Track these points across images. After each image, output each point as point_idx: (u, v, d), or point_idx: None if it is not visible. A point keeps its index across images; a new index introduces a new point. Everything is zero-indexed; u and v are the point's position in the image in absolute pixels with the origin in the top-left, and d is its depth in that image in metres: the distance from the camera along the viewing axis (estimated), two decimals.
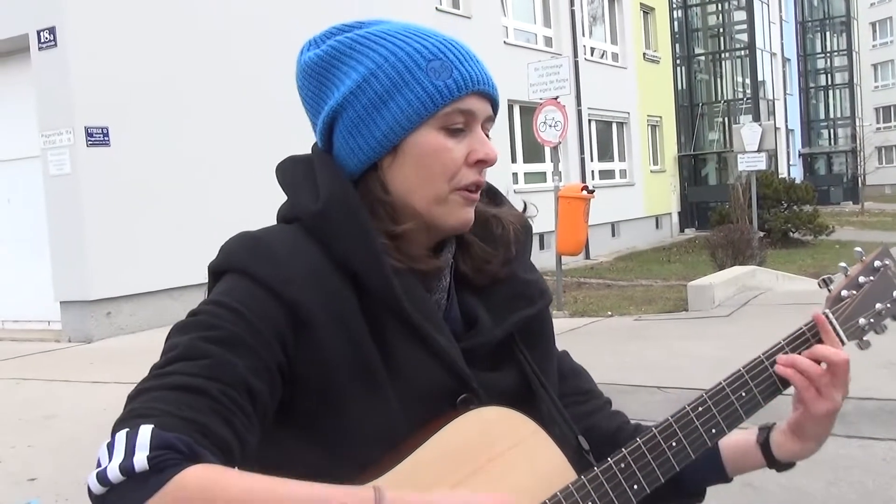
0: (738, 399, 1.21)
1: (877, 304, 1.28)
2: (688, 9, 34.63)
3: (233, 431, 0.98)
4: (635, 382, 6.61)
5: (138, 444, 0.91)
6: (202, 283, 1.19)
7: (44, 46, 10.14)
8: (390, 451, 1.07)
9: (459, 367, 1.15)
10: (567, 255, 11.97)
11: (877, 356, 6.34)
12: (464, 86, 1.15)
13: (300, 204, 1.17)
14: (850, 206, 40.54)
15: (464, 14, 17.20)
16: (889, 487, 4.36)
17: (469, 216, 1.20)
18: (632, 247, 22.49)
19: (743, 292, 11.30)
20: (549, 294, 1.32)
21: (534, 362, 1.26)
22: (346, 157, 1.19)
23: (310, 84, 1.22)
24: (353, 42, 1.18)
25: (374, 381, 1.09)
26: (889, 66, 61.95)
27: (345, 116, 1.17)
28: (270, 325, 1.05)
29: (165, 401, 0.96)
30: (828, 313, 1.27)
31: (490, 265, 1.25)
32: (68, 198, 10.21)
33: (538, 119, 12.07)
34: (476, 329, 1.22)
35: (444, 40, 1.18)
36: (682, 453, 1.18)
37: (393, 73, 1.15)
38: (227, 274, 1.11)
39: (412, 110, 1.14)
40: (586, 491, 1.11)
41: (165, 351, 1.04)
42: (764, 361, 1.23)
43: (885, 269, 1.29)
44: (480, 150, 1.18)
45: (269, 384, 1.04)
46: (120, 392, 4.87)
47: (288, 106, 12.22)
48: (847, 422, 5.26)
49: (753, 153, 17.84)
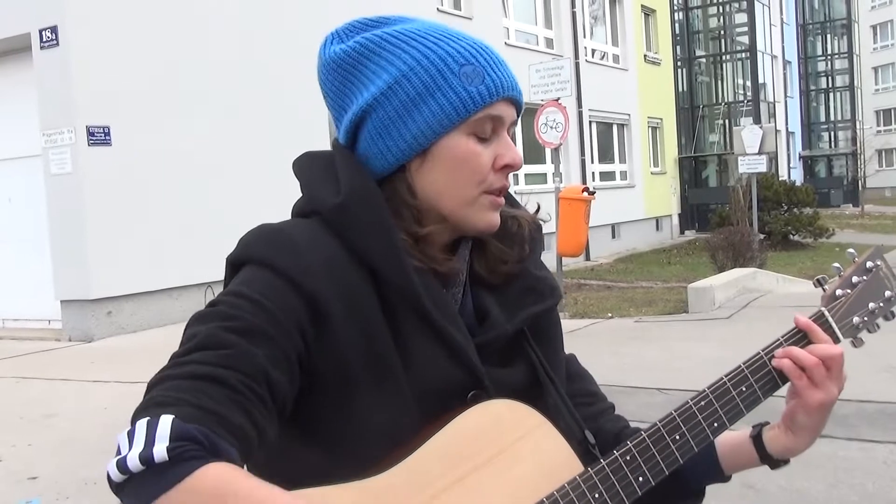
0: (739, 394, 1.23)
1: (870, 303, 1.32)
2: (689, 11, 34.65)
3: (251, 422, 0.99)
4: (635, 384, 6.61)
5: (158, 434, 0.92)
6: (203, 282, 1.19)
7: (46, 46, 10.15)
8: (401, 444, 1.08)
9: (473, 363, 1.16)
10: (567, 256, 11.97)
11: (877, 359, 6.37)
12: (495, 92, 1.16)
13: (319, 198, 1.17)
14: (851, 209, 40.56)
15: (465, 15, 17.22)
16: (890, 490, 4.36)
17: (496, 220, 1.22)
18: (632, 248, 22.50)
19: (743, 294, 11.31)
20: (560, 292, 1.33)
21: (543, 358, 1.27)
22: (373, 157, 1.18)
23: (335, 79, 1.21)
24: (383, 41, 1.18)
25: (390, 373, 1.10)
26: (889, 69, 61.96)
27: (374, 117, 1.17)
28: (290, 315, 1.06)
29: (185, 390, 0.97)
30: (824, 311, 1.30)
31: (506, 265, 1.26)
32: (69, 197, 10.21)
33: (539, 120, 12.07)
34: (488, 323, 1.22)
35: (475, 44, 1.19)
36: (686, 447, 1.19)
37: (426, 76, 1.15)
38: (246, 265, 1.11)
39: (444, 115, 1.14)
40: (593, 482, 1.13)
41: (185, 340, 1.04)
42: (763, 357, 1.25)
43: (877, 270, 1.33)
44: (507, 155, 1.19)
45: (289, 375, 1.05)
46: (120, 391, 4.90)
47: (292, 105, 12.28)
48: (848, 424, 5.27)
49: (754, 155, 17.86)
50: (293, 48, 11.89)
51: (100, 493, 4.63)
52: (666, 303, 11.88)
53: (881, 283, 1.33)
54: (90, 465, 5.14)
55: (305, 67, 1.15)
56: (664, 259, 20.26)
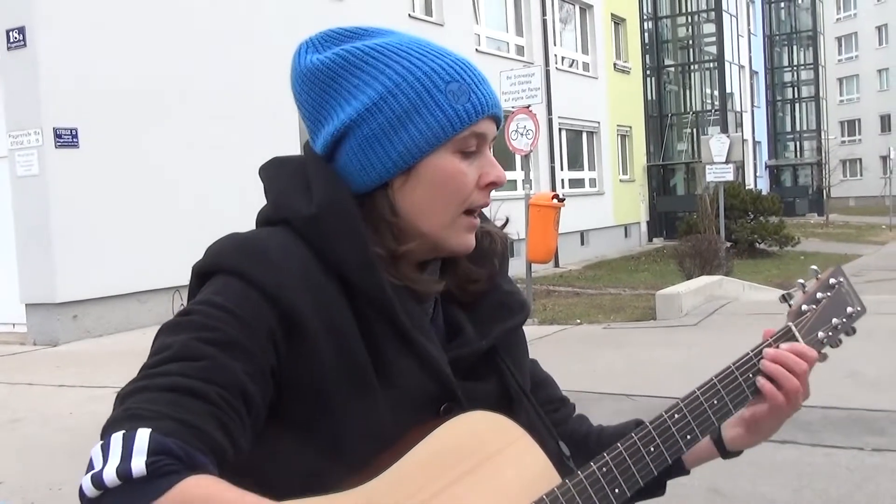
0: (711, 406, 1.25)
1: (833, 318, 1.37)
2: (658, 20, 34.92)
3: (228, 436, 0.97)
4: (604, 390, 6.65)
5: (136, 447, 0.89)
6: (170, 286, 1.17)
7: (13, 46, 10.05)
8: (378, 456, 1.07)
9: (446, 376, 1.16)
10: (537, 262, 12.00)
11: (841, 366, 6.45)
12: (481, 110, 1.17)
13: (290, 206, 1.15)
14: (816, 218, 41.05)
15: (436, 21, 17.25)
16: (852, 495, 4.42)
17: (471, 242, 1.22)
18: (601, 255, 22.62)
19: (710, 301, 11.40)
20: (528, 307, 1.35)
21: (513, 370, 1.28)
22: (354, 172, 1.17)
23: (312, 90, 1.19)
24: (365, 55, 1.16)
25: (364, 385, 1.09)
26: (854, 80, 62.86)
27: (358, 132, 1.15)
28: (264, 327, 1.04)
29: (162, 402, 0.94)
30: (791, 326, 1.34)
31: (476, 284, 1.27)
32: (36, 199, 10.11)
33: (510, 127, 12.11)
34: (462, 339, 1.23)
35: (459, 60, 1.19)
36: (660, 458, 1.21)
37: (412, 93, 1.14)
38: (217, 275, 1.09)
39: (432, 133, 1.14)
40: (571, 495, 1.13)
41: (157, 350, 1.02)
42: (734, 371, 1.28)
43: (839, 287, 1.39)
44: (492, 172, 1.20)
45: (263, 388, 1.03)
46: (86, 396, 4.85)
47: (264, 110, 12.21)
48: (812, 431, 5.33)
49: (721, 164, 18.03)
50: (268, 53, 11.85)
51: (66, 498, 4.58)
52: (634, 309, 11.96)
53: (843, 300, 1.38)
54: (56, 470, 5.09)
55: (278, 72, 1.15)
56: (632, 266, 20.40)
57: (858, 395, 6.12)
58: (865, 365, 6.69)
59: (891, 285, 15.57)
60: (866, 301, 1.42)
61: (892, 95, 58.97)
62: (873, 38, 61.07)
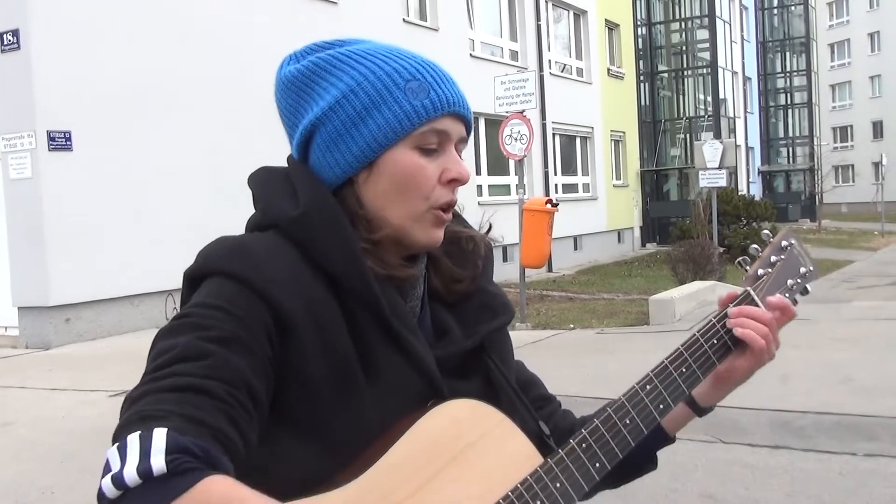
0: (680, 375, 1.31)
1: (788, 280, 1.43)
2: (652, 26, 35.03)
3: (238, 431, 0.99)
4: (597, 395, 6.63)
5: (154, 446, 0.91)
6: (163, 290, 1.19)
7: (7, 49, 10.03)
8: (365, 450, 1.09)
9: (433, 372, 1.19)
10: (530, 267, 12.03)
11: (835, 372, 6.47)
12: (440, 106, 1.20)
13: (277, 211, 1.19)
14: (808, 224, 41.12)
15: (431, 26, 17.27)
16: (845, 500, 4.43)
17: (438, 236, 1.25)
18: (594, 260, 22.65)
19: (703, 307, 11.42)
20: (513, 309, 1.38)
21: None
22: (323, 169, 1.22)
23: (288, 97, 1.25)
24: (334, 59, 1.22)
25: (352, 381, 1.12)
26: (846, 86, 63.05)
27: (323, 131, 1.20)
28: (259, 323, 1.07)
29: (172, 402, 0.96)
30: (749, 290, 1.40)
31: (461, 284, 1.30)
32: (29, 202, 10.08)
33: (504, 132, 12.14)
34: (448, 339, 1.26)
35: (423, 62, 1.23)
36: (636, 430, 1.26)
37: (372, 90, 1.18)
38: (209, 278, 1.12)
39: (389, 128, 1.18)
40: (554, 473, 1.17)
41: (159, 354, 1.04)
42: (700, 339, 1.34)
43: (791, 248, 1.45)
44: (453, 169, 1.22)
45: (266, 381, 1.06)
46: (78, 399, 4.84)
47: (257, 114, 12.18)
48: (805, 436, 5.35)
49: (714, 170, 18.10)
50: (263, 58, 11.84)
51: (58, 502, 4.59)
52: (627, 315, 11.98)
53: (796, 261, 1.44)
54: (49, 473, 5.08)
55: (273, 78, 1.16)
56: (626, 271, 20.42)
57: (852, 401, 6.13)
58: (858, 371, 6.71)
59: (883, 291, 15.63)
60: (859, 307, 1.45)
61: (884, 102, 59.16)
62: (866, 44, 61.29)
